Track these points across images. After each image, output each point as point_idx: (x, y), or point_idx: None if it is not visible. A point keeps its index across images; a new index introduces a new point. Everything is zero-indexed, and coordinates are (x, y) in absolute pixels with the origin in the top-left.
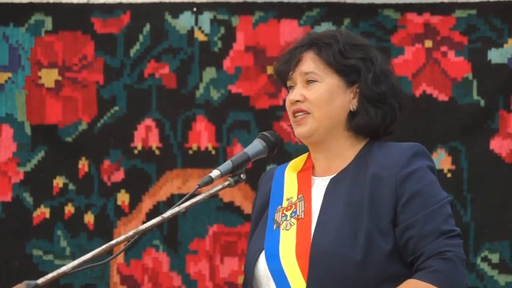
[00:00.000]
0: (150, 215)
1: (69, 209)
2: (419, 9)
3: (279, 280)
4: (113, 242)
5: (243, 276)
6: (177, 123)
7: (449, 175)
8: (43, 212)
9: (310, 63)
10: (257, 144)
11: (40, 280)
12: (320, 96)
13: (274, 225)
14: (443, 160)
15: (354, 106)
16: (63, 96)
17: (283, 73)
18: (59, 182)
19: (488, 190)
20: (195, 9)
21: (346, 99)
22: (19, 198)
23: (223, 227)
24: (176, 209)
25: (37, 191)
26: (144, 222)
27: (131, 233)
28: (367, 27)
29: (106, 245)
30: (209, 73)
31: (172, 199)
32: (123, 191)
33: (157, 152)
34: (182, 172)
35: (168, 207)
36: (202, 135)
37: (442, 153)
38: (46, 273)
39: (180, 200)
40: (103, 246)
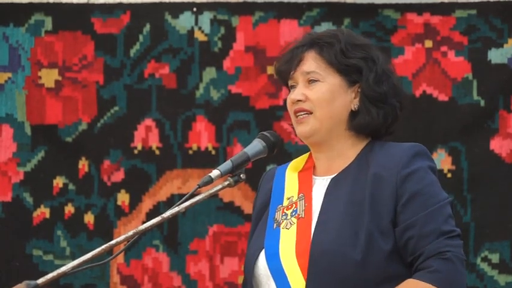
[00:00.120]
0: (150, 215)
1: (69, 209)
2: (419, 9)
3: (279, 279)
4: (113, 242)
5: (243, 276)
6: (177, 123)
7: (449, 175)
8: (43, 212)
9: (311, 62)
10: (257, 144)
11: (40, 280)
12: (322, 96)
13: (274, 224)
14: (443, 160)
15: (355, 106)
16: (63, 96)
17: (284, 72)
18: (59, 182)
19: (488, 190)
20: (195, 9)
21: (347, 98)
22: (19, 198)
23: (223, 227)
24: (176, 209)
25: (37, 191)
26: (144, 222)
27: (131, 233)
28: (367, 27)
29: (106, 245)
30: (209, 73)
31: (172, 199)
32: (123, 191)
33: (157, 152)
34: (182, 172)
35: (168, 207)
36: (202, 135)
37: (442, 153)
38: (46, 273)
39: (180, 200)
40: (103, 246)
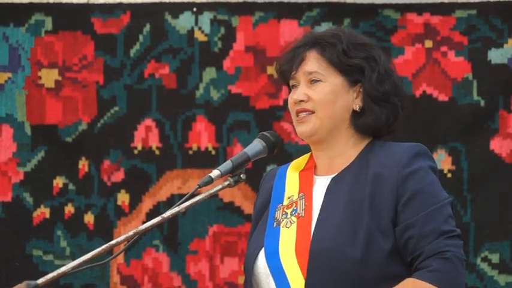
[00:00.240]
0: (150, 215)
1: (69, 209)
2: (419, 9)
3: (278, 277)
4: (113, 242)
5: (244, 275)
6: (177, 123)
7: (449, 175)
8: (43, 212)
9: (313, 62)
10: (257, 144)
11: (40, 280)
12: (324, 96)
13: (274, 223)
14: (443, 160)
15: (357, 106)
16: (63, 96)
17: (285, 72)
18: (59, 182)
19: (488, 190)
20: (195, 9)
21: (349, 98)
22: (19, 198)
23: (223, 227)
24: (176, 209)
25: (37, 191)
26: (144, 222)
27: (131, 233)
28: (367, 27)
29: (106, 245)
30: (209, 73)
31: (172, 199)
32: (123, 191)
33: (157, 152)
34: (182, 172)
35: (168, 207)
36: (202, 135)
37: (442, 153)
38: (46, 273)
39: (180, 200)
40: (103, 246)
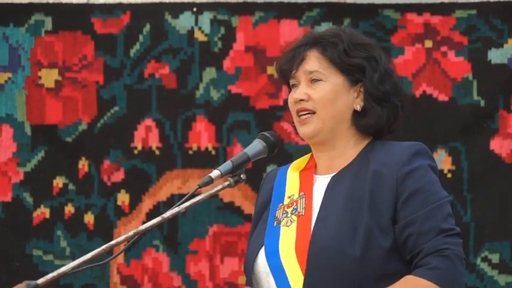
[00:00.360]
0: (150, 215)
1: (69, 209)
2: (419, 9)
3: (278, 276)
4: (113, 242)
5: (245, 275)
6: (177, 123)
7: (449, 175)
8: (43, 212)
9: (314, 61)
10: (257, 144)
11: (40, 280)
12: (325, 95)
13: (274, 222)
14: (443, 160)
15: (358, 105)
16: (63, 96)
17: (286, 71)
18: (59, 182)
19: (488, 190)
20: (195, 9)
21: (350, 98)
22: (19, 198)
23: (223, 227)
24: (176, 209)
25: (37, 191)
26: (144, 222)
27: (131, 233)
28: (367, 27)
29: (106, 245)
30: (209, 73)
31: (172, 199)
32: (123, 191)
33: (157, 152)
34: (182, 172)
35: (168, 207)
36: (202, 135)
37: (442, 153)
38: (46, 273)
39: (180, 200)
40: (103, 246)
